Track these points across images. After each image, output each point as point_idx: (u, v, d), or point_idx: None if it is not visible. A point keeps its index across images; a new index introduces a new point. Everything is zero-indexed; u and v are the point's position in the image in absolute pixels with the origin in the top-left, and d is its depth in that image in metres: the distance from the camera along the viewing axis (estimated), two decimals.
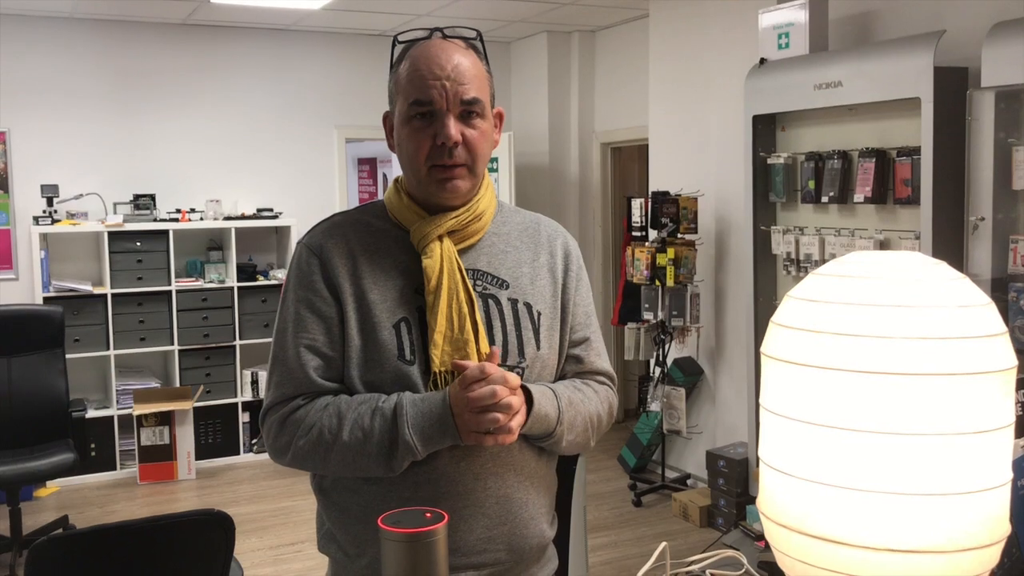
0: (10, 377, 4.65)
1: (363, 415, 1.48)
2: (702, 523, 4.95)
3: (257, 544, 4.81)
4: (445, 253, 1.54)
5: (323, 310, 1.54)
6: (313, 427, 1.50)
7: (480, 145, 1.53)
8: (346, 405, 1.50)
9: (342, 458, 1.49)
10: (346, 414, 1.49)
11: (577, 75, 6.98)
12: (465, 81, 1.51)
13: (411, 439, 1.45)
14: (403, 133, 1.54)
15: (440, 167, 1.51)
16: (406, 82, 1.52)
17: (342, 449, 1.48)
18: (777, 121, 4.56)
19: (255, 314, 6.28)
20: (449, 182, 1.53)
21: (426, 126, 1.51)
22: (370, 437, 1.46)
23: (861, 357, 0.98)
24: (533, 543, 1.60)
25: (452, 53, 1.52)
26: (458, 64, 1.51)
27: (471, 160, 1.53)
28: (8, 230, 6.02)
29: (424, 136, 1.51)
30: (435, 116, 1.50)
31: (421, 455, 1.47)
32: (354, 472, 1.52)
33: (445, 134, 1.49)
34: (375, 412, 1.47)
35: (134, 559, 2.09)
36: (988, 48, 3.37)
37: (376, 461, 1.47)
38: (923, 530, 0.98)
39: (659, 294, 5.25)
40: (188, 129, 6.46)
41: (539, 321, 1.60)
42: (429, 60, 1.51)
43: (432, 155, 1.51)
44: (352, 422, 1.48)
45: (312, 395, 1.53)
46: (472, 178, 1.55)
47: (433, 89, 1.49)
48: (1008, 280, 3.45)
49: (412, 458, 1.47)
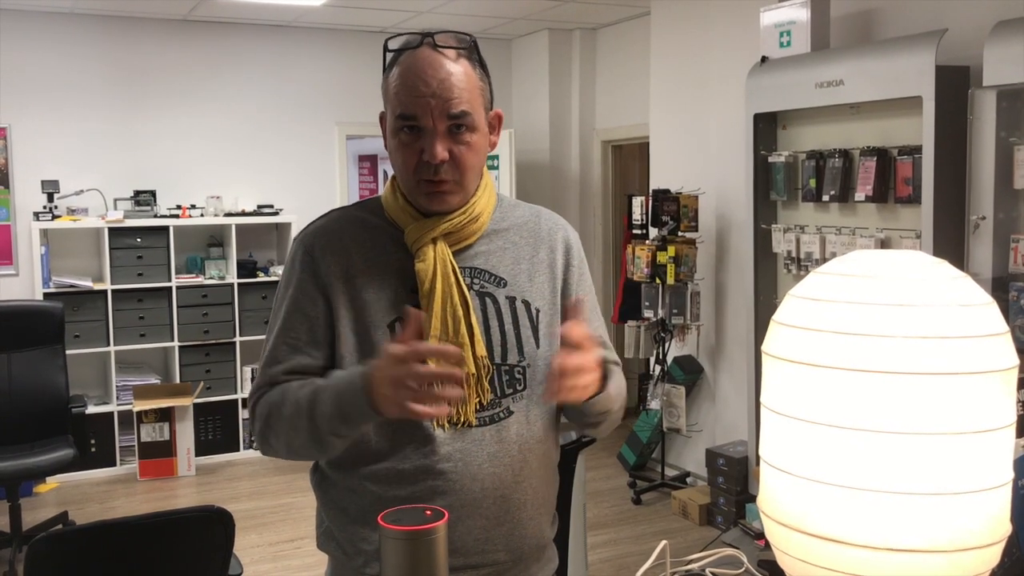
0: (10, 373, 4.65)
1: (302, 391, 1.48)
2: (701, 521, 4.95)
3: (257, 540, 4.81)
4: (439, 256, 1.52)
5: (308, 309, 1.54)
6: (268, 407, 1.52)
7: (468, 160, 1.51)
8: (295, 385, 1.50)
9: (288, 437, 1.49)
10: (291, 391, 1.49)
11: (578, 73, 6.98)
12: (453, 95, 1.46)
13: (328, 408, 1.42)
14: (392, 143, 1.53)
15: (428, 181, 1.50)
16: (393, 94, 1.50)
17: (287, 426, 1.48)
18: (778, 119, 4.55)
19: (255, 311, 6.28)
20: (437, 196, 1.52)
21: (413, 140, 1.49)
22: (302, 412, 1.46)
23: (862, 356, 0.98)
24: (532, 543, 1.59)
25: (440, 66, 1.47)
26: (445, 78, 1.46)
27: (458, 175, 1.51)
28: (8, 225, 6.02)
29: (411, 151, 1.49)
30: (422, 132, 1.48)
31: (343, 430, 1.43)
32: (303, 454, 1.51)
33: (431, 153, 1.47)
34: (310, 388, 1.47)
35: (134, 555, 2.09)
36: (990, 47, 3.37)
37: (310, 438, 1.46)
38: (924, 529, 0.98)
39: (659, 292, 5.25)
40: (189, 125, 6.45)
41: (538, 319, 1.59)
42: (415, 74, 1.47)
43: (420, 170, 1.50)
44: (293, 399, 1.48)
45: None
46: (462, 191, 1.54)
47: (418, 105, 1.46)
48: (1009, 279, 3.45)
49: (338, 434, 1.44)
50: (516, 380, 1.54)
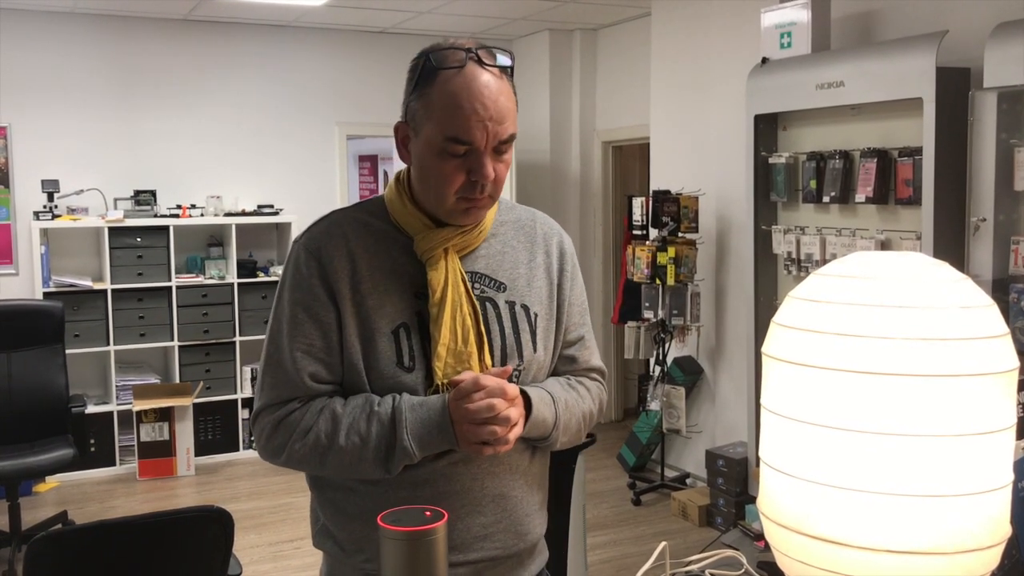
0: (10, 372, 4.65)
1: (359, 419, 1.47)
2: (701, 522, 4.95)
3: (256, 540, 4.81)
4: (450, 265, 1.52)
5: (321, 315, 1.51)
6: (310, 431, 1.49)
7: (504, 175, 1.51)
8: (342, 409, 1.49)
9: (339, 462, 1.49)
10: (342, 419, 1.48)
11: (579, 73, 6.98)
12: (505, 120, 1.45)
13: (410, 446, 1.45)
14: (431, 162, 1.47)
15: (468, 198, 1.49)
16: (442, 113, 1.44)
17: (339, 453, 1.47)
18: (779, 120, 4.55)
19: (255, 310, 6.28)
20: (474, 211, 1.52)
21: (461, 162, 1.46)
22: (367, 442, 1.46)
23: (862, 358, 0.98)
24: (527, 539, 1.61)
25: (495, 89, 1.45)
26: (498, 101, 1.44)
27: (496, 191, 1.51)
28: (8, 225, 6.02)
29: (458, 171, 1.46)
30: (472, 154, 1.45)
31: (418, 459, 1.48)
32: (349, 475, 1.52)
33: (483, 174, 1.45)
34: (371, 416, 1.46)
35: (133, 555, 2.09)
36: (990, 49, 3.37)
37: (373, 465, 1.47)
38: (924, 531, 0.97)
39: (659, 293, 5.25)
40: (189, 125, 6.45)
41: (535, 323, 1.59)
42: (472, 96, 1.43)
43: (463, 189, 1.48)
44: (348, 427, 1.47)
45: (307, 399, 1.52)
46: (493, 204, 1.55)
47: (476, 130, 1.43)
48: (1009, 281, 3.44)
49: (409, 462, 1.47)
50: (514, 383, 1.54)
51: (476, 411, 1.41)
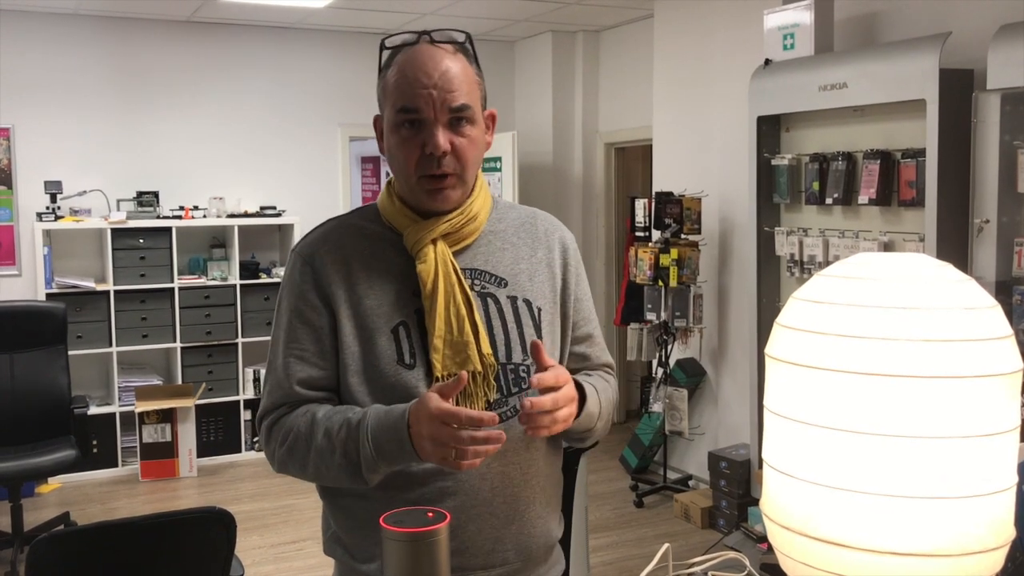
0: (12, 373, 4.65)
1: (333, 425, 1.47)
2: (703, 524, 4.95)
3: (258, 542, 4.81)
4: (440, 257, 1.52)
5: (313, 320, 1.53)
6: (290, 434, 1.51)
7: (469, 152, 1.51)
8: (323, 415, 1.49)
9: (316, 468, 1.50)
10: (320, 423, 1.48)
11: (581, 75, 6.98)
12: (453, 88, 1.47)
13: (371, 452, 1.42)
14: (392, 141, 1.52)
15: (429, 177, 1.50)
16: (393, 88, 1.50)
17: (316, 458, 1.48)
18: (782, 122, 4.55)
19: (257, 312, 6.29)
20: (439, 192, 1.51)
21: (414, 135, 1.49)
22: (336, 448, 1.45)
23: (866, 359, 0.97)
24: (540, 542, 1.60)
25: (440, 59, 1.48)
26: (446, 70, 1.48)
27: (460, 168, 1.51)
28: (11, 226, 6.02)
29: (412, 145, 1.49)
30: (423, 124, 1.48)
31: (383, 469, 1.44)
32: (332, 482, 1.52)
33: (433, 144, 1.47)
34: (343, 424, 1.46)
35: (135, 556, 2.09)
36: (994, 50, 3.37)
37: (345, 472, 1.46)
38: (928, 533, 0.97)
39: (662, 295, 5.25)
40: (192, 126, 6.46)
41: (540, 317, 1.59)
42: (416, 67, 1.48)
43: (421, 165, 1.49)
44: (324, 431, 1.47)
45: (295, 404, 1.53)
46: (463, 186, 1.54)
47: (420, 97, 1.46)
48: (1013, 283, 3.44)
49: (377, 472, 1.45)
50: (521, 379, 1.54)
51: (437, 436, 1.35)
